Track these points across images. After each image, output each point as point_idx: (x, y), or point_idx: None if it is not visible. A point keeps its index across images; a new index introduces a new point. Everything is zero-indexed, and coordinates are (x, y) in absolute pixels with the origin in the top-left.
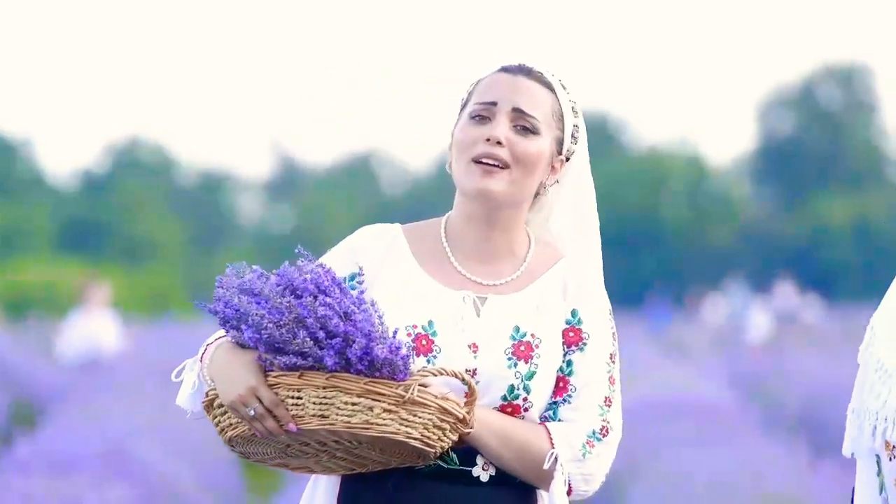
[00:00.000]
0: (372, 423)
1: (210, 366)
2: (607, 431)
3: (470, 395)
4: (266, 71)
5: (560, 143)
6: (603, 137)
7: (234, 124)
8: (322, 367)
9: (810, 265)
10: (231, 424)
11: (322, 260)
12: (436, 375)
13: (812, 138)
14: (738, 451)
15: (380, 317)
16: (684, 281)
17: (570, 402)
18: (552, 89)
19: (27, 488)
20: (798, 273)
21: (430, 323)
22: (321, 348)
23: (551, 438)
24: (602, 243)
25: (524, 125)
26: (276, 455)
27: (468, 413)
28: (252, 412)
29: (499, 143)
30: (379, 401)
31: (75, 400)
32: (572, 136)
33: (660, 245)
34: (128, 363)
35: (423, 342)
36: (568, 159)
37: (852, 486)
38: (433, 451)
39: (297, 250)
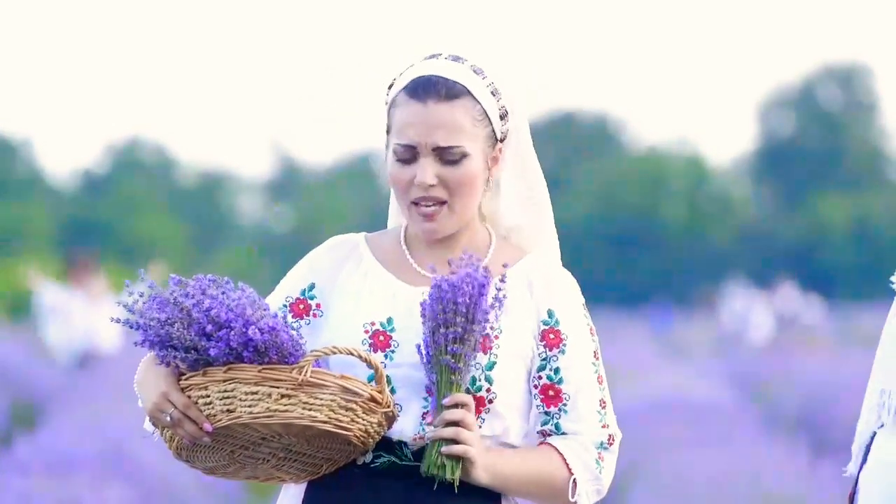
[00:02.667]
0: (274, 411)
1: (136, 383)
2: (612, 440)
3: (376, 374)
4: (266, 71)
5: (492, 136)
6: (603, 137)
7: (234, 124)
8: (214, 359)
9: (810, 266)
10: (171, 436)
11: (288, 274)
12: (328, 354)
13: (812, 138)
14: (737, 452)
15: (254, 301)
16: (684, 281)
17: (567, 413)
18: (466, 93)
19: (26, 488)
20: (798, 274)
21: (389, 320)
22: (209, 339)
23: (566, 462)
24: (602, 243)
25: (449, 158)
26: (228, 463)
27: (379, 392)
28: (168, 418)
29: (430, 185)
30: (276, 387)
31: (75, 400)
32: (501, 117)
33: (659, 245)
34: (127, 363)
35: (381, 338)
36: (504, 138)
37: (852, 486)
38: (351, 433)
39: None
